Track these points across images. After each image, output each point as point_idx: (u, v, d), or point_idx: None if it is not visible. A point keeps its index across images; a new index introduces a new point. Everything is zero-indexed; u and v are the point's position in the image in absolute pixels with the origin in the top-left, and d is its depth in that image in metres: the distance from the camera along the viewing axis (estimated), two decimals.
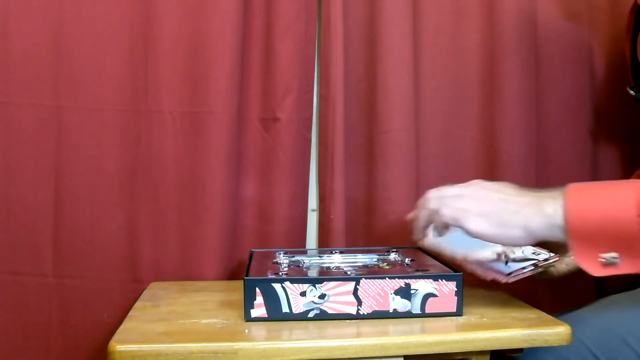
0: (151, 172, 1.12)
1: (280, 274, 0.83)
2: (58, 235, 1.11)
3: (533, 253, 0.94)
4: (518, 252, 0.94)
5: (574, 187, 0.79)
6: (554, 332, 0.77)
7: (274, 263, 0.93)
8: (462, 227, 0.81)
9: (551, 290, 1.21)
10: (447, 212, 0.82)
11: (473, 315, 0.83)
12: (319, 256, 0.98)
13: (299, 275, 0.84)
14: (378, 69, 1.18)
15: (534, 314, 0.84)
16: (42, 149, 1.10)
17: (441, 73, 1.23)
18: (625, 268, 0.76)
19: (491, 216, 0.80)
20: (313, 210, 1.21)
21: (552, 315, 1.01)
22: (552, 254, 0.92)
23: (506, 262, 0.91)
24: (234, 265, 1.14)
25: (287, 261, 0.94)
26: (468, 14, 1.22)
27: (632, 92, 1.03)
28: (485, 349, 0.78)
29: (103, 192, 1.12)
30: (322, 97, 1.18)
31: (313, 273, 0.88)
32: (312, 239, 1.21)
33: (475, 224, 0.80)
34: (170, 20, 1.10)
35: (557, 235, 0.78)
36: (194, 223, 1.12)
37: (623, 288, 1.03)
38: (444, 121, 1.23)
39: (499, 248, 0.93)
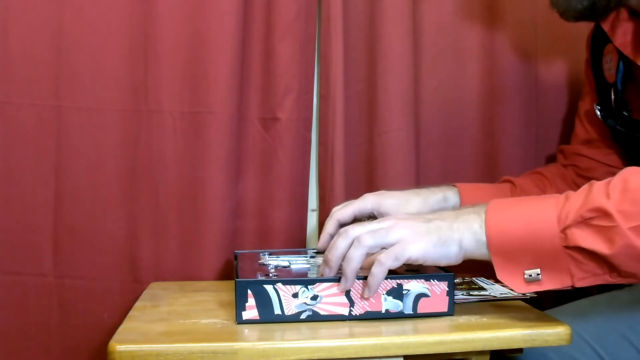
0: (151, 172, 1.12)
1: (271, 275, 0.83)
2: (58, 235, 1.11)
3: None
4: None
5: (494, 203, 0.78)
6: (554, 332, 0.77)
7: (260, 264, 0.93)
8: (404, 259, 0.76)
9: None
10: (385, 257, 0.77)
11: (472, 315, 0.83)
12: (304, 257, 0.98)
13: (288, 277, 0.83)
14: (378, 69, 1.18)
15: (534, 314, 0.84)
16: (42, 149, 1.10)
17: (441, 73, 1.23)
18: (547, 284, 0.75)
19: (430, 235, 0.77)
20: (313, 210, 1.21)
21: (553, 308, 1.02)
22: None
23: None
24: (234, 265, 1.14)
25: (274, 262, 0.94)
26: (468, 13, 1.22)
27: (599, 112, 1.02)
28: (485, 349, 0.78)
29: (103, 192, 1.12)
30: (322, 97, 1.18)
31: (302, 274, 0.87)
32: (312, 239, 1.21)
33: (416, 249, 0.76)
34: (170, 20, 1.10)
35: (483, 252, 0.76)
36: (194, 223, 1.12)
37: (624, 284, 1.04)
38: (444, 121, 1.23)
39: None
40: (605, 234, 0.71)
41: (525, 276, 0.75)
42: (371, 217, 0.97)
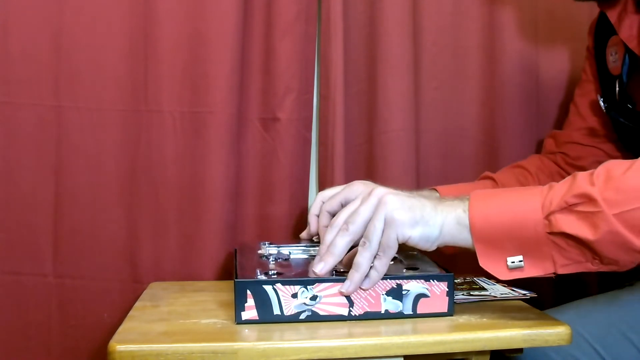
0: (151, 172, 1.12)
1: (270, 273, 0.83)
2: (58, 235, 1.11)
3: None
4: None
5: (477, 192, 0.78)
6: (554, 332, 0.77)
7: (260, 258, 0.92)
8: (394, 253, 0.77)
9: (554, 285, 1.21)
10: (379, 264, 0.78)
11: (472, 315, 0.83)
12: (305, 247, 0.97)
13: (287, 271, 0.84)
14: (378, 68, 1.18)
15: (534, 314, 0.84)
16: (42, 149, 1.10)
17: (441, 72, 1.23)
18: (530, 271, 0.76)
19: (414, 210, 0.77)
20: None
21: (554, 308, 1.02)
22: None
23: None
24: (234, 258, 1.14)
25: (274, 253, 0.93)
26: (468, 13, 1.22)
27: (603, 104, 1.02)
28: (485, 349, 0.78)
29: (103, 192, 1.11)
30: (322, 97, 1.18)
31: (302, 268, 0.87)
32: None
33: (403, 235, 0.76)
34: (170, 20, 1.10)
35: (464, 237, 0.77)
36: (194, 223, 1.12)
37: (625, 283, 1.04)
38: (444, 121, 1.24)
39: None
40: (589, 219, 0.72)
41: (507, 263, 0.76)
42: None
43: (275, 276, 0.82)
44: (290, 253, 0.94)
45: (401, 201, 0.77)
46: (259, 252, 0.95)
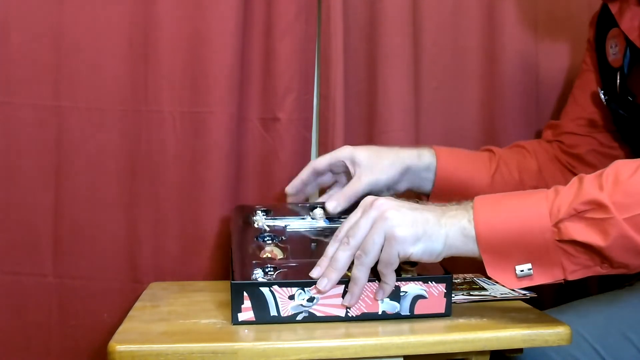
0: (151, 172, 1.12)
1: (267, 270, 0.82)
2: (58, 235, 1.11)
3: None
4: None
5: (480, 198, 0.77)
6: (554, 332, 0.77)
7: (256, 238, 0.92)
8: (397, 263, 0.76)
9: (554, 285, 1.20)
10: (389, 279, 0.77)
11: (472, 315, 0.83)
12: (303, 218, 0.97)
13: (285, 261, 0.84)
14: (378, 68, 1.18)
15: (534, 314, 0.84)
16: (42, 149, 1.10)
17: (441, 73, 1.23)
18: (539, 279, 0.75)
19: (416, 226, 0.75)
20: None
21: (554, 308, 1.02)
22: None
23: None
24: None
25: (270, 228, 0.93)
26: (468, 13, 1.22)
27: (603, 96, 1.02)
28: (485, 349, 0.78)
29: (103, 192, 1.12)
30: (322, 97, 1.18)
31: (300, 252, 0.87)
32: None
33: (404, 251, 0.75)
34: (170, 20, 1.10)
35: (470, 248, 0.75)
36: (194, 223, 1.12)
37: (625, 283, 1.04)
38: (444, 121, 1.23)
39: None
40: (599, 226, 0.71)
41: (516, 272, 0.75)
42: (346, 171, 0.99)
43: (272, 272, 0.82)
44: (286, 226, 0.94)
45: (403, 216, 0.76)
46: (254, 219, 0.95)
